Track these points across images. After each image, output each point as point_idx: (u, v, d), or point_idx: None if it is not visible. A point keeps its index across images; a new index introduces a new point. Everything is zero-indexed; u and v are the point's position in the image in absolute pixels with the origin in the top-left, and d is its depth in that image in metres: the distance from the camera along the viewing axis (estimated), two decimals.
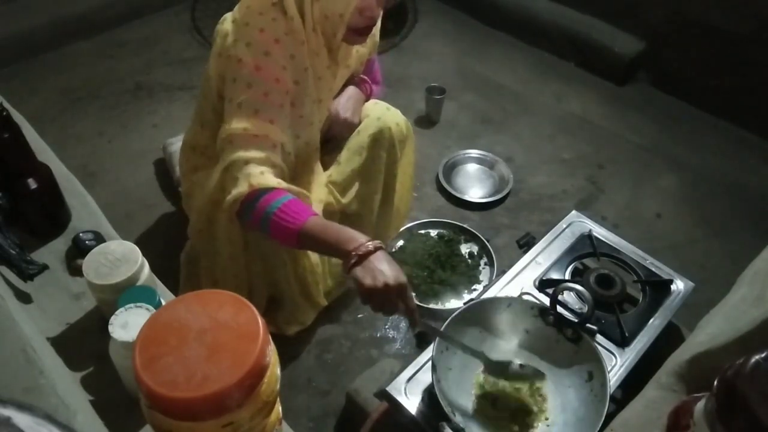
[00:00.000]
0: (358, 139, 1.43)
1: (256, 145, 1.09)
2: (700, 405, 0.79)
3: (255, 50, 1.10)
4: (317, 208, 1.31)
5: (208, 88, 1.26)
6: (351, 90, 1.42)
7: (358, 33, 1.20)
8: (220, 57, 1.18)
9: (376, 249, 0.97)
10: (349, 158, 1.44)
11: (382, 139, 1.43)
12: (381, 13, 1.21)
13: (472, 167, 2.14)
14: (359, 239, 0.98)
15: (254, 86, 1.10)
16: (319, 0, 1.13)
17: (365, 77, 1.46)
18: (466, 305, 1.12)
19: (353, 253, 0.96)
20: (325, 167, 1.45)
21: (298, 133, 1.24)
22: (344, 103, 1.40)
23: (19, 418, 0.43)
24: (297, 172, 1.31)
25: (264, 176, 1.07)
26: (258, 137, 1.09)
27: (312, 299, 1.46)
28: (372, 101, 1.49)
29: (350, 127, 1.42)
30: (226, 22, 1.19)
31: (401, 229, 1.81)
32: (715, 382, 0.74)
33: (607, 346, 1.17)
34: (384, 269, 0.95)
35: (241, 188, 1.06)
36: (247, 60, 1.10)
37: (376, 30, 1.38)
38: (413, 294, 1.64)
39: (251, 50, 1.10)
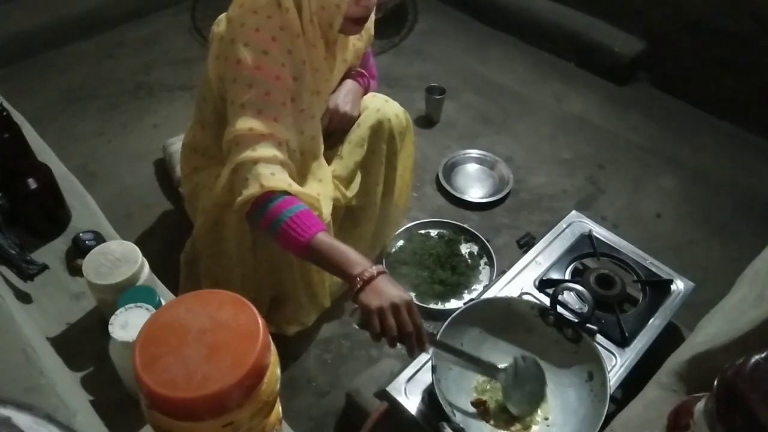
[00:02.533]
0: (359, 131, 1.43)
1: (263, 144, 1.09)
2: (700, 405, 0.79)
3: (253, 50, 1.10)
4: (328, 205, 1.31)
5: (207, 90, 1.26)
6: (349, 83, 1.42)
7: (354, 22, 1.20)
8: (219, 59, 1.18)
9: (380, 273, 0.98)
10: (351, 151, 1.44)
11: (382, 131, 1.43)
12: (376, 2, 1.21)
13: (472, 167, 2.14)
14: (364, 264, 0.99)
15: (255, 86, 1.10)
16: None
17: (362, 70, 1.47)
18: (466, 305, 1.12)
19: (358, 278, 0.97)
20: (327, 162, 1.45)
21: (302, 129, 1.24)
22: (343, 97, 1.40)
23: (19, 418, 0.43)
24: (305, 168, 1.31)
25: (275, 177, 1.06)
26: (264, 136, 1.09)
27: (317, 299, 1.46)
28: (370, 94, 1.49)
29: (350, 120, 1.42)
30: (222, 23, 1.19)
31: (401, 229, 1.81)
32: (715, 382, 0.74)
33: (607, 346, 1.17)
34: (389, 289, 0.96)
35: (252, 189, 1.05)
36: (246, 60, 1.10)
37: (371, 23, 1.38)
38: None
39: (249, 50, 1.10)
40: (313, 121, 1.28)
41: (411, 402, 1.07)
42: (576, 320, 1.10)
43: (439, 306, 1.65)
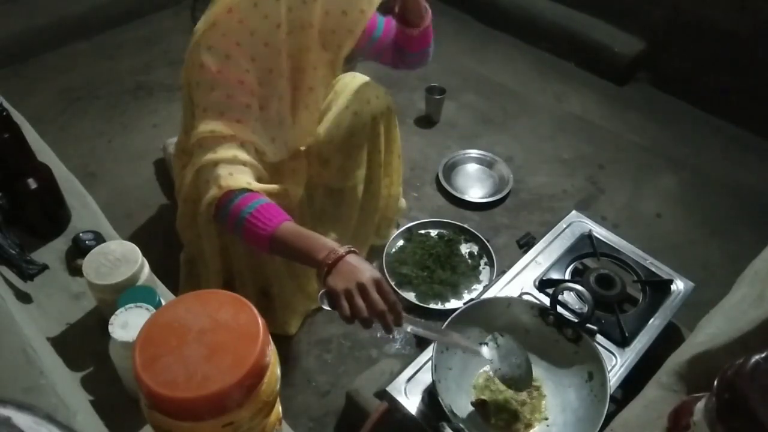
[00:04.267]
0: (336, 111, 1.41)
1: (223, 146, 1.08)
2: (700, 405, 0.79)
3: (216, 54, 1.10)
4: (300, 180, 1.29)
5: (186, 95, 1.26)
6: None
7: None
8: (187, 65, 1.17)
9: (347, 253, 0.94)
10: (328, 129, 1.41)
11: (362, 113, 1.41)
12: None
13: (472, 167, 2.14)
14: (330, 246, 0.95)
15: (217, 89, 1.09)
16: (330, 15, 1.11)
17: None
18: (466, 305, 1.12)
19: (324, 262, 0.93)
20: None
21: (272, 136, 1.23)
22: None
23: (19, 418, 0.43)
24: (281, 165, 1.30)
25: (233, 177, 1.06)
26: (225, 138, 1.09)
27: (298, 280, 1.45)
28: (350, 74, 1.46)
29: None
30: (198, 29, 1.18)
31: (401, 229, 1.81)
32: (715, 382, 0.74)
33: (607, 346, 1.17)
34: (355, 269, 0.91)
35: (212, 192, 1.05)
36: (208, 64, 1.09)
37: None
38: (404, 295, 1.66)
39: (212, 54, 1.10)
40: (282, 128, 1.26)
41: (411, 402, 1.07)
42: (576, 320, 1.10)
43: (439, 306, 1.65)
